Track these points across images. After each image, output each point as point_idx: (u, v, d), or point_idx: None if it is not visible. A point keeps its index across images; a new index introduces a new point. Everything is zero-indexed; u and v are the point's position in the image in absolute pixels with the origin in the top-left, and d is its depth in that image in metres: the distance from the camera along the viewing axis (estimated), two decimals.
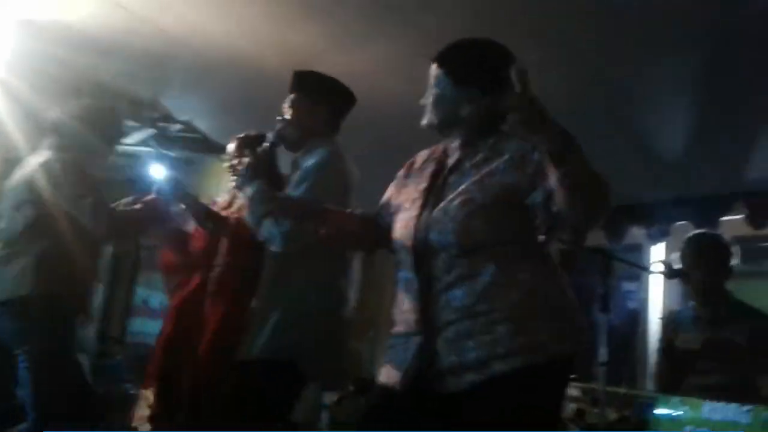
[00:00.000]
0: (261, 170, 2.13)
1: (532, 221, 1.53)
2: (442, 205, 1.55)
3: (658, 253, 4.94)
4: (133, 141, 3.30)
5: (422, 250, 1.55)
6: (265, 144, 2.23)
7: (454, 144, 1.67)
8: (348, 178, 2.18)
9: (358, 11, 2.82)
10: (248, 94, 3.51)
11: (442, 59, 1.67)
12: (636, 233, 4.76)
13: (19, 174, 2.56)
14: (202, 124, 3.79)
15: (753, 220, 4.26)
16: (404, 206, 1.66)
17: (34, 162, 2.52)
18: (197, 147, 3.79)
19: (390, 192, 1.79)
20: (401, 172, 1.79)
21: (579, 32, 2.83)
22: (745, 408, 2.01)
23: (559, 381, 1.51)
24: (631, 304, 5.66)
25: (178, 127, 3.45)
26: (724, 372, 2.50)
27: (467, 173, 1.58)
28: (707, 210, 4.32)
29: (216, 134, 3.82)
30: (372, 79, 3.41)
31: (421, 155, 1.78)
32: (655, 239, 4.64)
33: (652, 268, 3.35)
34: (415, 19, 2.81)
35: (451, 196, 1.55)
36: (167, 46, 3.08)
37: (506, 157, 1.53)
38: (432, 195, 1.61)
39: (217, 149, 3.57)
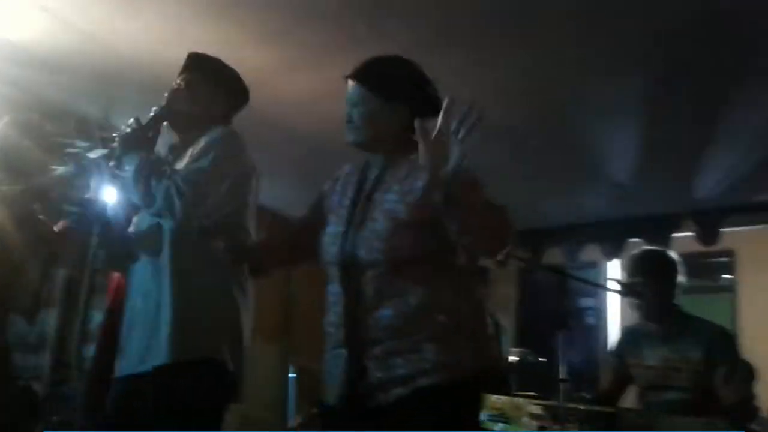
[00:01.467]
0: (147, 140, 1.93)
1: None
2: (368, 223, 1.58)
3: (613, 270, 5.05)
4: (83, 161, 3.21)
5: (350, 266, 1.57)
6: (152, 114, 1.97)
7: (376, 158, 1.69)
8: (249, 161, 1.96)
9: (314, 33, 2.83)
10: None
11: (364, 76, 1.66)
12: (592, 251, 4.85)
13: None
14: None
15: (702, 237, 4.39)
16: (330, 221, 1.68)
17: None
18: None
19: (313, 207, 1.80)
20: (325, 186, 1.80)
21: (530, 51, 2.89)
22: (702, 422, 2.04)
23: (476, 394, 1.60)
24: (590, 320, 5.74)
25: None
26: (682, 387, 2.54)
27: (390, 190, 1.60)
28: (659, 228, 4.44)
29: None
30: (328, 102, 3.43)
31: (344, 169, 1.79)
32: (610, 256, 4.73)
33: (607, 286, 3.40)
34: (367, 49, 2.82)
35: (375, 214, 1.58)
36: (118, 65, 3.03)
37: (425, 175, 1.49)
38: (357, 211, 1.63)
39: None
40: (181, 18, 2.70)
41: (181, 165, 1.92)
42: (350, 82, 1.67)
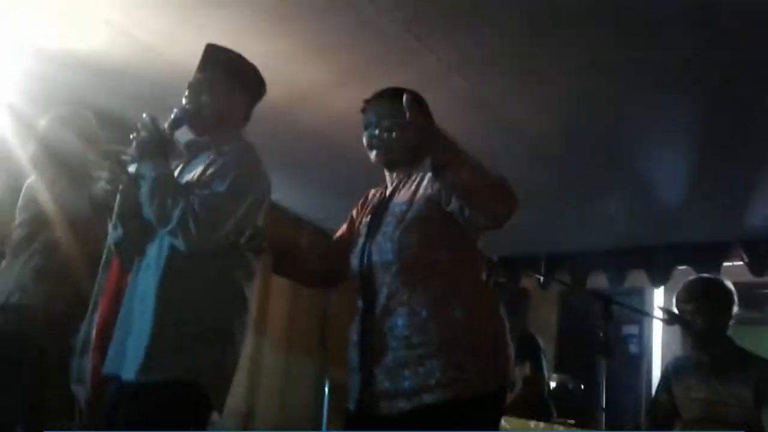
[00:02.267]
0: (164, 147, 1.83)
1: (464, 234, 1.59)
2: (381, 229, 1.64)
3: (659, 298, 4.92)
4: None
5: (367, 274, 1.62)
6: (171, 119, 1.87)
7: (391, 176, 1.79)
8: (265, 177, 1.89)
9: (361, 49, 2.85)
10: (255, 128, 3.54)
11: (392, 94, 1.74)
12: (638, 277, 4.74)
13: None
14: None
15: (752, 267, 4.26)
16: (354, 238, 1.77)
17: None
18: None
19: (342, 230, 1.88)
20: (353, 211, 1.89)
21: (578, 78, 2.87)
22: None
23: (486, 413, 1.54)
24: (633, 348, 5.61)
25: None
26: (729, 422, 2.45)
27: (403, 198, 1.68)
28: (708, 256, 4.32)
29: None
30: None
31: (372, 191, 1.88)
32: (656, 283, 4.62)
33: (653, 313, 3.31)
34: (416, 64, 2.85)
35: (388, 220, 1.64)
36: (177, 76, 3.11)
37: (429, 173, 1.59)
38: (374, 223, 1.70)
39: None
40: (237, 31, 2.76)
41: (196, 170, 1.87)
42: (369, 106, 1.80)
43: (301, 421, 4.98)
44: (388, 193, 1.77)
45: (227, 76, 1.96)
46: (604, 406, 2.31)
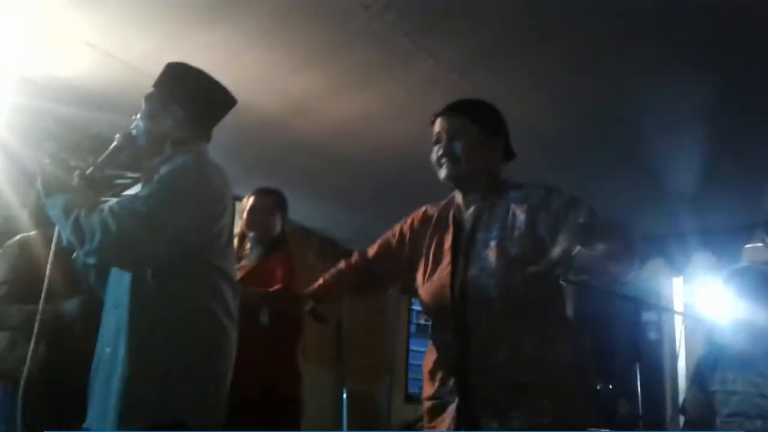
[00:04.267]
0: (68, 180, 1.69)
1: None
2: (477, 262, 1.54)
3: (678, 286, 4.80)
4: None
5: (461, 310, 1.53)
6: (114, 144, 1.75)
7: (466, 198, 1.66)
8: (214, 189, 1.69)
9: (357, 56, 2.76)
10: (253, 141, 3.45)
11: (466, 108, 1.64)
12: (656, 266, 4.62)
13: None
14: None
15: None
16: (430, 262, 1.63)
17: None
18: None
19: (396, 239, 1.75)
20: (411, 222, 1.75)
21: (581, 71, 2.77)
22: None
23: None
24: (652, 335, 5.49)
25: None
26: None
27: (493, 227, 1.56)
28: (727, 240, 4.23)
29: None
30: (374, 124, 3.35)
31: (431, 209, 1.75)
32: (676, 272, 4.50)
33: (680, 310, 3.18)
34: (413, 68, 2.78)
35: (484, 253, 1.54)
36: None
37: (526, 207, 1.54)
38: (461, 252, 1.58)
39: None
40: (228, 48, 2.66)
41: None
42: (443, 118, 1.64)
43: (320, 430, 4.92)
44: (468, 217, 1.64)
45: (171, 92, 1.79)
46: (640, 413, 2.18)
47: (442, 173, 1.62)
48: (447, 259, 1.59)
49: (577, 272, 1.34)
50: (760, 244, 4.23)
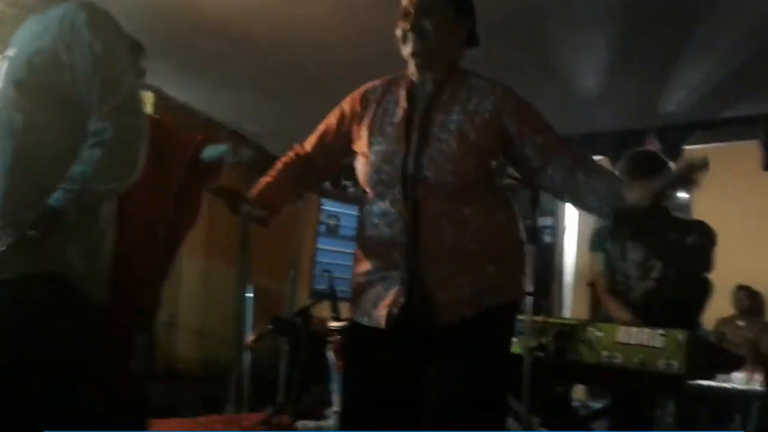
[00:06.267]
0: None
1: (497, 156, 1.63)
2: (434, 143, 1.54)
3: None
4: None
5: (412, 186, 1.53)
6: None
7: (423, 75, 1.61)
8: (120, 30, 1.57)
9: None
10: (151, 24, 3.26)
11: None
12: None
13: None
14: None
15: (665, 153, 4.39)
16: (373, 140, 1.60)
17: None
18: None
19: (336, 122, 1.70)
20: (352, 104, 1.69)
21: None
22: (659, 331, 2.04)
23: (516, 317, 1.73)
24: (547, 239, 5.81)
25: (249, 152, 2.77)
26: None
27: (453, 110, 1.56)
28: (622, 143, 4.41)
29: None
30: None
31: (373, 87, 1.69)
32: None
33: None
34: None
35: (441, 135, 1.54)
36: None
37: (492, 98, 1.56)
38: (414, 129, 1.57)
39: None
40: None
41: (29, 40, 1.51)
42: None
43: (224, 327, 4.96)
44: (424, 95, 1.60)
45: None
46: (529, 291, 2.27)
47: (408, 49, 1.58)
48: (398, 133, 1.57)
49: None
50: (650, 148, 4.47)
